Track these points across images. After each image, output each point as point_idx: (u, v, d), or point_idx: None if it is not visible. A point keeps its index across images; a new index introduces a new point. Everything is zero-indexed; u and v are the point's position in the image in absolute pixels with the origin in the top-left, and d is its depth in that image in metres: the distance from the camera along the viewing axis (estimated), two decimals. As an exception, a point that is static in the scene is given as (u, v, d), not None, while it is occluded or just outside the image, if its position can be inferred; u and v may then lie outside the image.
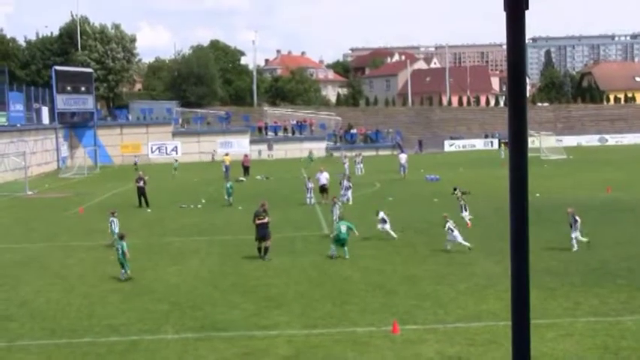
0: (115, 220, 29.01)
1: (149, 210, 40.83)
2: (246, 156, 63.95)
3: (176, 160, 70.48)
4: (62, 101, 77.84)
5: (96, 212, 40.32)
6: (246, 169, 60.42)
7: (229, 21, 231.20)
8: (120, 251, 23.62)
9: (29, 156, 62.59)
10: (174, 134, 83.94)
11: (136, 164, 69.37)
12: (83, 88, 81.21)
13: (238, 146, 79.49)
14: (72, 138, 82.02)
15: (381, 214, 29.41)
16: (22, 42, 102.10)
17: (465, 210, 32.41)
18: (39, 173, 67.49)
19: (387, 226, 29.18)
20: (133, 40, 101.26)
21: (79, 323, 18.83)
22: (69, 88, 78.86)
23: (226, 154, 63.52)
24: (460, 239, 26.72)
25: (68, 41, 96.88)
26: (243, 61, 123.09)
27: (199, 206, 41.91)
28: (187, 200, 43.61)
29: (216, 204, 42.34)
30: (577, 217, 26.50)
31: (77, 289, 22.72)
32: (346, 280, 22.81)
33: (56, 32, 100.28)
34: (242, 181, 56.76)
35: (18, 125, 68.66)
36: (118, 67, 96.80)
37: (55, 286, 23.13)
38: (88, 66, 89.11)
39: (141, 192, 42.48)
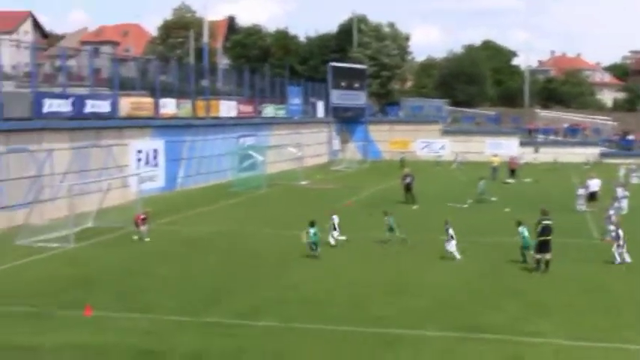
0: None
1: (415, 207, 41.33)
2: (513, 158, 62.70)
3: (457, 156, 72.63)
4: (337, 96, 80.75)
5: (363, 206, 41.53)
6: (512, 172, 59.28)
7: (502, 20, 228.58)
8: (312, 233, 26.51)
9: (304, 148, 65.71)
10: (443, 133, 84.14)
11: (401, 160, 70.26)
12: (357, 85, 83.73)
13: (507, 148, 78.05)
14: (344, 132, 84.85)
15: (333, 219, 29.39)
16: (302, 39, 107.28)
17: None
18: (312, 164, 70.54)
19: (335, 233, 29.11)
20: (407, 38, 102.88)
21: (345, 312, 19.52)
22: (343, 83, 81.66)
23: (495, 155, 62.75)
24: (452, 249, 26.66)
25: (345, 38, 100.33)
26: (515, 61, 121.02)
27: (465, 206, 41.78)
28: (454, 199, 43.60)
29: (483, 205, 42.02)
30: (450, 230, 26.42)
31: (344, 279, 23.55)
32: (618, 293, 21.76)
33: (334, 30, 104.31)
34: (509, 183, 55.88)
35: (295, 118, 72.29)
36: (391, 64, 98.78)
37: (324, 275, 24.14)
38: (362, 63, 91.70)
39: (407, 188, 43.14)
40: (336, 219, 29.69)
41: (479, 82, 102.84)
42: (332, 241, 28.99)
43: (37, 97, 36.63)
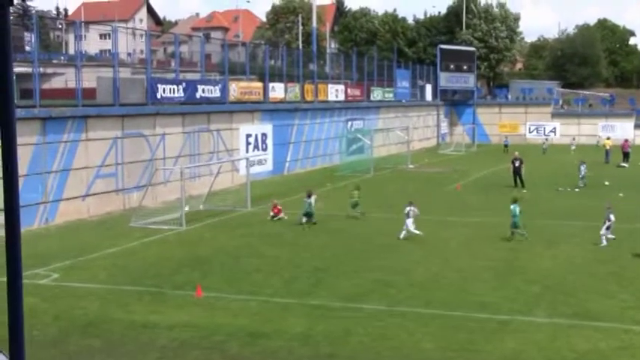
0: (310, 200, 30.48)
1: (524, 190, 40.66)
2: (626, 141, 60.76)
3: (574, 139, 70.86)
4: (445, 79, 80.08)
5: (472, 189, 41.17)
6: (625, 155, 57.53)
7: None
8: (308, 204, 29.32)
9: (412, 131, 65.44)
10: (554, 115, 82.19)
11: (506, 146, 68.91)
12: (465, 67, 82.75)
13: (621, 130, 75.71)
14: (452, 115, 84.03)
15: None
16: (411, 21, 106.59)
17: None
18: (419, 148, 70.23)
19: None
20: (517, 19, 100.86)
21: (452, 297, 19.43)
22: (452, 66, 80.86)
23: (607, 138, 61.15)
24: (411, 227, 26.99)
25: (454, 20, 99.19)
26: (632, 41, 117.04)
27: (577, 190, 40.86)
28: (565, 183, 42.71)
29: (595, 189, 40.96)
30: (410, 209, 27.25)
31: (452, 263, 23.43)
32: None
33: (443, 12, 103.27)
34: (623, 167, 54.35)
35: (403, 101, 72.03)
36: (500, 46, 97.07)
37: (432, 259, 24.08)
38: (470, 44, 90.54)
39: (516, 172, 42.47)
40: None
41: (593, 63, 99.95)
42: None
43: (152, 82, 37.69)
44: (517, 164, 42.61)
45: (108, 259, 24.20)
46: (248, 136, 46.03)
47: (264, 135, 47.84)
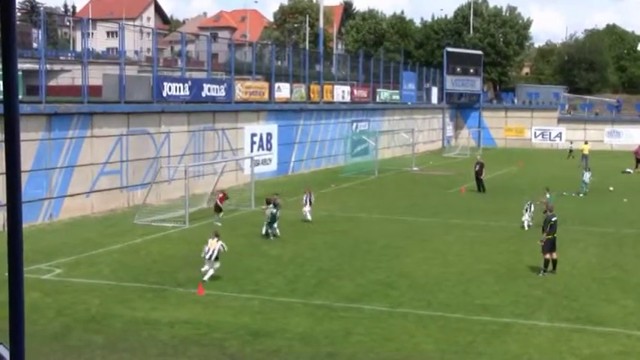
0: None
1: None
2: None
3: (571, 143, 69.90)
4: (451, 82, 79.98)
5: (476, 193, 41.16)
6: (638, 162, 57.31)
7: (629, 4, 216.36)
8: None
9: (417, 133, 65.40)
10: (560, 120, 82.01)
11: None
12: (472, 70, 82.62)
13: (627, 136, 75.60)
14: (457, 118, 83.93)
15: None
16: (418, 23, 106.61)
17: None
18: (424, 151, 70.16)
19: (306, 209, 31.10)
20: (528, 25, 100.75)
21: (454, 299, 19.45)
22: (458, 69, 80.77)
23: (585, 143, 61.01)
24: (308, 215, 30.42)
25: (462, 23, 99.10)
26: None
27: (581, 195, 40.78)
28: (569, 188, 42.62)
29: (599, 194, 40.89)
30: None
31: (454, 265, 23.44)
32: None
33: (451, 15, 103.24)
34: (628, 172, 54.34)
35: (409, 103, 71.95)
36: (509, 52, 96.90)
37: (434, 261, 24.09)
38: (478, 48, 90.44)
39: (477, 176, 42.10)
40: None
41: (600, 69, 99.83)
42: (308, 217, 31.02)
43: (158, 81, 37.71)
44: (477, 168, 42.31)
45: (111, 255, 24.26)
46: (253, 135, 46.04)
47: (269, 135, 47.86)
